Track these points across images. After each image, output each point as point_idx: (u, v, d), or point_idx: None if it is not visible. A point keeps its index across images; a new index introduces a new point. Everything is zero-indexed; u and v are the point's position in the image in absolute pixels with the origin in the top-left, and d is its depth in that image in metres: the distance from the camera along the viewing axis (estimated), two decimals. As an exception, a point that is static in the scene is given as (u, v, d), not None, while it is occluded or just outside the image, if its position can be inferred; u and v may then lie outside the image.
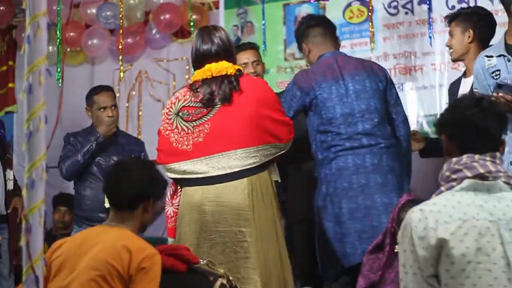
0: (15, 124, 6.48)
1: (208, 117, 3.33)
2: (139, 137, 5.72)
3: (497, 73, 3.58)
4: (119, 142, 4.70)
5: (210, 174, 3.29)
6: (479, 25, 4.11)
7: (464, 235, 2.08)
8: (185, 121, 3.35)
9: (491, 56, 3.63)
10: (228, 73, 3.34)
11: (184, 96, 3.39)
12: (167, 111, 3.42)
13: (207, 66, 3.37)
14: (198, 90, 3.35)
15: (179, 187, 3.43)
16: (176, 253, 2.88)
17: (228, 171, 3.27)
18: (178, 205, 3.39)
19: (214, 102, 3.32)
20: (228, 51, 3.43)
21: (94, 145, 4.53)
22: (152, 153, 4.97)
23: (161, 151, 3.45)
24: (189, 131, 3.34)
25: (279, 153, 3.36)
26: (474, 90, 3.68)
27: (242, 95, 3.33)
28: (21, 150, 1.97)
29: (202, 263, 2.99)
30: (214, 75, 3.34)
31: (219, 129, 3.30)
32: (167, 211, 3.44)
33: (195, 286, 2.83)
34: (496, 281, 2.06)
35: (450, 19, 4.21)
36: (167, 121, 3.41)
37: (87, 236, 2.87)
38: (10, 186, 4.43)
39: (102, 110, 4.64)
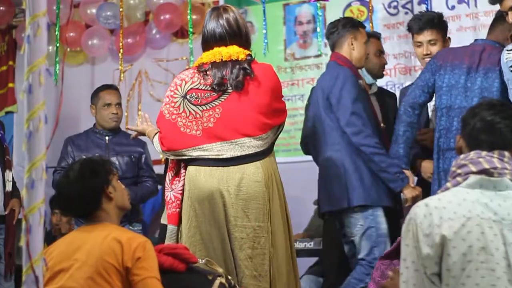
0: (15, 124, 6.48)
1: (219, 102, 3.17)
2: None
3: None
4: (120, 142, 4.69)
5: (225, 156, 3.14)
6: None
7: (467, 233, 2.07)
8: (193, 104, 3.18)
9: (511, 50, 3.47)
10: (239, 59, 3.19)
11: (191, 78, 3.22)
12: (172, 93, 3.23)
13: (217, 49, 3.21)
14: (208, 73, 3.19)
15: (182, 170, 3.23)
16: (175, 253, 2.87)
17: (242, 153, 3.15)
18: (180, 190, 3.22)
19: (225, 87, 3.16)
20: (235, 35, 3.25)
21: None
22: (152, 153, 4.99)
23: (166, 137, 3.22)
24: (198, 116, 3.17)
25: (277, 135, 3.29)
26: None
27: (254, 82, 3.20)
28: (21, 150, 1.96)
29: (201, 262, 2.99)
30: (224, 59, 3.18)
31: (231, 116, 3.15)
32: (167, 197, 3.25)
33: (194, 285, 2.82)
34: (499, 281, 2.05)
35: (430, 26, 3.96)
36: (173, 104, 3.22)
37: (74, 237, 2.83)
38: (9, 187, 4.43)
39: (106, 107, 4.66)
